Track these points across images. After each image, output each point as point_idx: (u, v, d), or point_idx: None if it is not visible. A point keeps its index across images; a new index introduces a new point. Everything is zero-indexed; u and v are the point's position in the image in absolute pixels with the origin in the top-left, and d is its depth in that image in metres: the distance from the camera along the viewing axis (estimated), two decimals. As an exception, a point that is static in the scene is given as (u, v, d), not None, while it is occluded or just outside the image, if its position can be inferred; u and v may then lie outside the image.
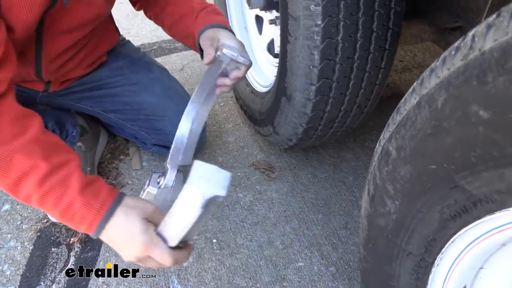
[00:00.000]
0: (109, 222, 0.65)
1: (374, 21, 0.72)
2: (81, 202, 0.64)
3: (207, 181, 0.59)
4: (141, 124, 1.11)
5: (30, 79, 0.95)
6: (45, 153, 0.65)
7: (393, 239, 0.53)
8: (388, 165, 0.50)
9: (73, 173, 0.65)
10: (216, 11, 0.97)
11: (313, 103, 0.81)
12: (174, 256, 0.64)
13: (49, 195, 0.64)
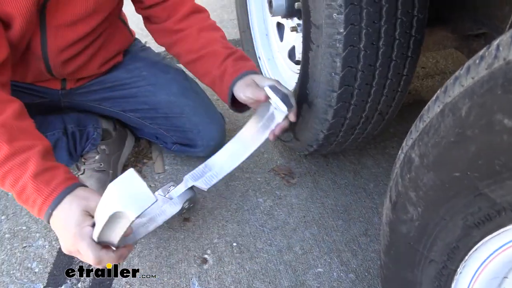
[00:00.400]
0: (55, 209, 0.69)
1: (396, 29, 0.73)
2: (33, 187, 0.69)
3: (125, 196, 0.62)
4: (159, 122, 1.14)
5: (45, 77, 1.00)
6: (11, 137, 0.70)
7: (415, 246, 0.53)
8: (410, 172, 0.50)
9: (32, 158, 0.70)
10: (244, 57, 0.99)
11: (335, 109, 0.82)
12: (98, 254, 0.67)
13: (7, 176, 0.70)
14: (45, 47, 0.92)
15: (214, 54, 0.96)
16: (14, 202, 1.13)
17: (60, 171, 0.73)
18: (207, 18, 1.05)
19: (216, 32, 1.01)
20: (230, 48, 0.97)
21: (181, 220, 1.07)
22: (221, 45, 0.97)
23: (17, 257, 0.99)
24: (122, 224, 0.65)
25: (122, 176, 0.63)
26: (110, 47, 1.06)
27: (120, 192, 0.62)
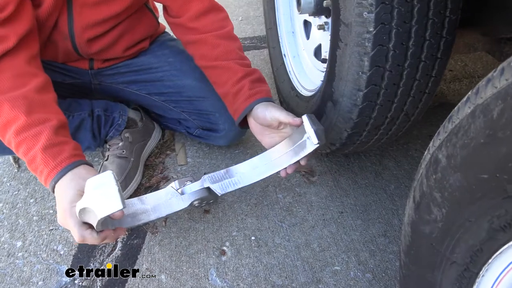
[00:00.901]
0: (58, 183, 0.75)
1: (427, 30, 0.72)
2: (41, 158, 0.75)
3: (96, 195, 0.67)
4: (183, 105, 1.17)
5: (73, 57, 1.05)
6: (30, 109, 0.77)
7: (437, 247, 0.53)
8: (436, 172, 0.50)
9: (45, 132, 0.76)
10: (261, 79, 0.99)
11: (360, 108, 0.82)
12: (82, 233, 0.72)
13: (21, 145, 0.76)
14: (71, 26, 0.97)
15: (229, 69, 0.97)
16: (43, 186, 1.17)
17: (69, 147, 0.79)
18: (224, 21, 1.04)
19: (233, 43, 1.01)
20: (246, 66, 0.98)
21: (202, 212, 1.09)
22: (237, 60, 0.98)
23: (44, 239, 1.03)
24: (93, 218, 0.69)
25: (100, 175, 0.68)
26: (135, 33, 1.10)
27: (93, 190, 0.67)
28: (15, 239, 1.04)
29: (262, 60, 1.75)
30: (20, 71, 0.80)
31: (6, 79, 0.78)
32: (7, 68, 0.79)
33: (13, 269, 0.97)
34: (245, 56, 1.02)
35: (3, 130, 0.77)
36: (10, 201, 1.13)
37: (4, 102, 0.76)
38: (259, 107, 0.92)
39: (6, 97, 0.76)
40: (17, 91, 0.78)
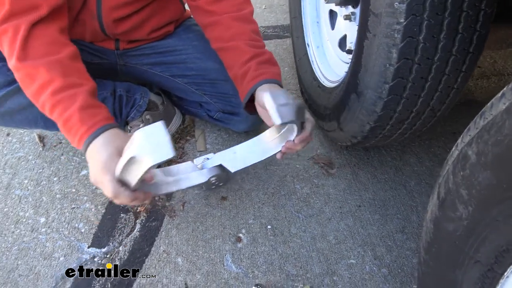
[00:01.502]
0: (93, 141, 0.76)
1: (460, 22, 0.70)
2: (78, 118, 0.77)
3: (147, 144, 0.66)
4: (205, 88, 1.18)
5: (100, 37, 1.07)
6: (65, 73, 0.79)
7: (461, 245, 0.52)
8: (465, 169, 0.49)
9: (81, 94, 0.79)
10: (270, 60, 0.95)
11: (385, 101, 0.81)
12: (116, 189, 0.73)
13: (57, 106, 0.78)
14: (99, 5, 0.99)
15: (238, 50, 0.95)
16: (66, 165, 1.20)
17: (104, 110, 0.82)
18: (242, 4, 1.01)
19: (248, 25, 0.99)
20: (256, 48, 0.95)
21: (219, 198, 1.10)
22: (248, 41, 0.95)
23: (66, 216, 1.06)
24: (139, 169, 0.69)
25: (151, 125, 0.68)
26: (161, 16, 1.10)
27: (144, 139, 0.67)
28: (39, 215, 1.07)
29: (285, 50, 1.73)
30: (53, 39, 0.82)
31: (41, 45, 0.80)
32: (41, 35, 0.81)
33: (37, 243, 1.00)
34: (259, 38, 0.99)
35: (38, 93, 0.79)
36: (35, 179, 1.17)
37: (40, 66, 0.78)
38: (261, 89, 0.89)
39: (41, 62, 0.78)
40: (52, 56, 0.80)
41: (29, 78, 0.79)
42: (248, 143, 0.95)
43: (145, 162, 0.67)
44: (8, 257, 0.97)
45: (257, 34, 1.00)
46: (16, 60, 0.79)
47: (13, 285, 0.91)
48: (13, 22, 0.79)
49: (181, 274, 0.93)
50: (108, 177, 0.73)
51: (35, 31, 0.80)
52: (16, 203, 1.10)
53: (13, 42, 0.79)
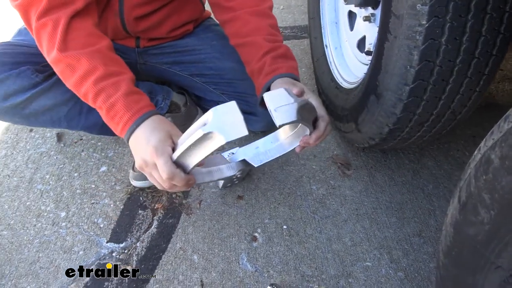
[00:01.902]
0: (139, 127, 0.76)
1: (484, 25, 0.69)
2: (123, 104, 0.77)
3: (222, 121, 0.67)
4: (223, 88, 1.19)
5: (121, 35, 1.08)
6: (106, 62, 0.80)
7: (482, 250, 0.52)
8: (487, 173, 0.48)
9: (123, 81, 0.79)
10: (285, 54, 0.94)
11: (405, 104, 0.80)
12: (173, 170, 0.72)
13: (100, 94, 0.78)
14: (122, 3, 1.01)
15: (255, 45, 0.94)
16: (86, 161, 1.23)
17: (146, 97, 0.82)
18: (260, 0, 1.00)
19: (266, 19, 0.98)
20: (273, 42, 0.94)
21: (235, 197, 1.10)
22: (265, 36, 0.94)
23: (86, 211, 1.09)
24: (209, 146, 0.69)
25: (225, 104, 0.69)
26: (181, 15, 1.12)
27: (219, 116, 0.68)
28: (60, 209, 1.09)
29: (302, 50, 1.73)
30: (90, 31, 0.84)
31: (80, 37, 0.81)
32: (79, 27, 0.82)
33: (57, 237, 1.02)
34: (276, 33, 0.98)
35: (80, 82, 0.80)
36: (56, 174, 1.20)
37: (81, 56, 0.79)
38: (276, 84, 0.87)
39: (82, 52, 0.79)
40: (92, 47, 0.81)
41: (70, 68, 0.80)
42: (268, 138, 0.95)
43: (219, 139, 0.67)
44: (30, 249, 1.00)
45: (275, 28, 0.99)
46: (57, 51, 0.79)
47: (34, 277, 0.94)
48: (52, 16, 0.80)
49: (197, 271, 0.94)
50: (163, 159, 0.72)
51: (73, 24, 0.81)
52: (38, 197, 1.13)
53: (53, 34, 0.80)
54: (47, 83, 0.98)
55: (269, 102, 0.74)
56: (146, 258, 0.97)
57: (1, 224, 1.06)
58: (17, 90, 0.96)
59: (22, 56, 0.99)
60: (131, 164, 1.22)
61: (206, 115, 0.69)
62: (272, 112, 0.73)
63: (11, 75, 0.95)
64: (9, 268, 0.96)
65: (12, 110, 0.98)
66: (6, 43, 1.03)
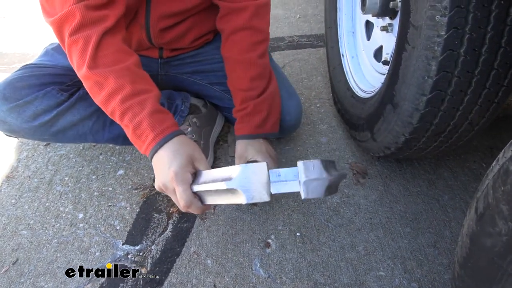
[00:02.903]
0: (162, 147, 0.79)
1: (504, 36, 0.69)
2: (148, 123, 0.80)
3: (249, 181, 0.66)
4: None
5: (145, 45, 1.11)
6: (133, 80, 0.83)
7: (499, 261, 0.51)
8: (506, 184, 0.48)
9: (149, 100, 0.82)
10: (252, 111, 1.03)
11: (421, 113, 0.80)
12: (190, 200, 0.75)
13: (127, 113, 0.81)
14: (148, 17, 1.04)
15: (235, 97, 1.07)
16: (104, 164, 1.26)
17: (170, 116, 0.85)
18: (253, 45, 1.04)
19: (249, 71, 1.03)
20: (245, 101, 1.04)
21: (249, 205, 1.11)
22: (243, 92, 1.04)
23: (103, 213, 1.11)
24: (230, 199, 0.69)
25: (256, 164, 0.67)
26: (203, 25, 1.15)
27: (247, 175, 0.66)
28: (78, 211, 1.12)
29: (318, 59, 1.74)
30: (120, 48, 0.86)
31: (110, 54, 0.84)
32: (109, 44, 0.85)
33: (75, 238, 1.05)
34: (253, 86, 1.04)
35: (108, 100, 0.83)
36: (75, 176, 1.23)
37: (109, 74, 0.82)
38: (239, 143, 1.04)
39: (110, 69, 0.82)
40: (120, 64, 0.84)
41: (98, 86, 0.83)
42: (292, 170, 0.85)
43: (240, 198, 0.67)
44: (48, 249, 1.02)
45: (255, 79, 1.04)
46: (87, 69, 0.82)
47: (52, 276, 0.96)
48: (83, 33, 0.82)
49: (210, 275, 0.95)
50: (182, 188, 0.75)
51: (103, 41, 0.84)
52: (57, 198, 1.16)
53: (83, 51, 0.83)
54: (71, 100, 1.04)
55: (301, 171, 0.70)
56: (160, 261, 0.98)
57: (21, 224, 1.09)
58: (45, 109, 1.02)
59: (48, 77, 1.05)
60: (147, 168, 1.24)
61: (234, 168, 0.68)
62: (301, 184, 0.69)
63: (38, 96, 1.01)
64: (28, 267, 0.99)
65: (41, 129, 1.04)
66: (33, 65, 1.09)
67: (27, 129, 1.03)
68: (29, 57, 1.98)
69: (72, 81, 1.08)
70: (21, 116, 1.01)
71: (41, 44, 2.03)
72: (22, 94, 1.00)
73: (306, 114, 1.42)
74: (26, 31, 2.23)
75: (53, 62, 1.10)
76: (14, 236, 1.06)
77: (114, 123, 1.11)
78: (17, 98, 1.00)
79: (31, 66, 1.09)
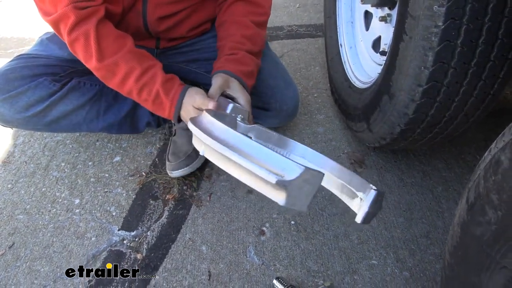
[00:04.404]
0: (182, 108, 0.96)
1: (500, 28, 0.69)
2: (163, 93, 0.94)
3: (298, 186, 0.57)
4: None
5: (142, 35, 1.12)
6: (139, 60, 0.93)
7: (488, 250, 0.52)
8: (496, 174, 0.49)
9: (158, 72, 0.94)
10: (241, 60, 1.02)
11: (417, 104, 0.81)
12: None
13: (144, 89, 0.94)
14: (145, 5, 1.04)
15: (222, 48, 1.06)
16: (101, 151, 1.26)
17: (176, 78, 0.98)
18: (249, 13, 1.07)
19: (241, 30, 1.05)
20: (234, 49, 1.03)
21: (245, 191, 1.12)
22: (233, 43, 1.04)
23: (99, 199, 1.11)
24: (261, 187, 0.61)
25: (316, 172, 0.59)
26: (200, 15, 1.14)
27: (302, 181, 0.58)
28: (74, 196, 1.12)
29: (317, 49, 1.74)
30: (116, 34, 0.94)
31: (112, 43, 0.92)
32: (107, 34, 0.92)
33: (71, 223, 1.05)
34: (245, 41, 1.04)
35: (123, 83, 0.94)
36: (71, 162, 1.23)
37: (118, 60, 0.91)
38: (215, 77, 1.00)
39: (118, 57, 0.91)
40: (124, 49, 0.92)
41: (111, 73, 0.93)
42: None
43: (278, 197, 0.58)
44: (45, 234, 1.03)
45: (247, 38, 1.05)
46: (96, 62, 0.91)
47: (48, 260, 0.97)
48: (81, 30, 0.89)
49: (205, 262, 0.96)
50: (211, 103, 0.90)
51: (100, 32, 0.90)
52: (53, 184, 1.16)
53: (87, 47, 0.90)
54: (63, 90, 1.06)
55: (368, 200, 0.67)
56: (156, 247, 0.99)
57: (18, 209, 1.10)
58: (37, 100, 1.04)
59: (41, 68, 1.06)
60: (143, 155, 1.24)
61: (287, 163, 0.58)
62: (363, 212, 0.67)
63: (30, 87, 1.03)
64: (24, 251, 0.99)
65: (34, 119, 1.06)
66: (27, 55, 1.10)
67: (20, 119, 1.05)
68: (26, 42, 1.96)
69: (65, 72, 1.08)
70: (14, 107, 1.03)
71: (38, 29, 2.01)
72: (15, 85, 1.02)
73: (304, 104, 1.42)
74: (23, 16, 2.21)
75: (46, 52, 1.11)
76: (11, 221, 1.07)
77: (108, 112, 1.12)
78: (10, 89, 1.02)
79: (24, 57, 1.09)
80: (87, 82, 1.09)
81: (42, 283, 0.92)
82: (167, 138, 1.29)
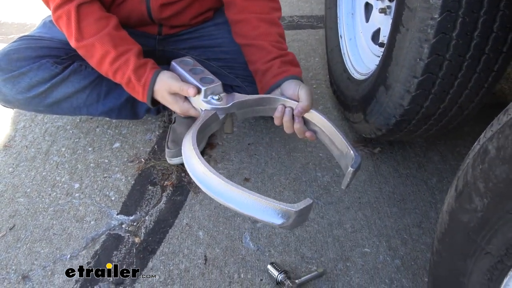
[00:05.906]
0: (154, 91, 0.96)
1: (496, 21, 0.70)
2: (134, 77, 0.95)
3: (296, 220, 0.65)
4: (237, 72, 1.22)
5: (145, 21, 1.12)
6: (115, 44, 0.95)
7: (474, 236, 0.54)
8: (484, 163, 0.51)
9: (131, 58, 0.95)
10: (293, 61, 0.99)
11: (412, 96, 0.82)
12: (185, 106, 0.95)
13: (117, 72, 0.96)
14: None
15: (263, 49, 1.00)
16: (101, 137, 1.27)
17: (150, 63, 0.98)
18: (274, 9, 1.07)
19: (275, 27, 1.04)
20: (281, 49, 1.00)
21: (242, 179, 1.14)
22: (273, 43, 1.00)
23: (98, 184, 1.13)
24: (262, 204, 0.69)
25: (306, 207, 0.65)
26: (203, 3, 1.15)
27: (303, 212, 0.65)
28: (74, 181, 1.14)
29: (317, 40, 1.74)
30: (99, 15, 0.96)
31: (92, 23, 0.94)
32: (88, 14, 0.94)
33: (70, 207, 1.07)
34: (283, 41, 1.03)
35: (100, 63, 0.97)
36: (71, 147, 1.24)
37: (95, 42, 0.94)
38: (289, 84, 0.91)
39: (95, 38, 0.94)
40: (102, 31, 0.94)
41: (89, 53, 0.96)
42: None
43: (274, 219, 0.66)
44: (45, 216, 1.05)
45: (283, 37, 1.05)
46: (75, 41, 0.95)
47: (48, 242, 0.99)
48: (64, 9, 0.93)
49: (201, 246, 0.98)
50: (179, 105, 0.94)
51: (82, 12, 0.93)
52: (54, 168, 1.18)
53: (68, 25, 0.94)
54: (64, 73, 1.07)
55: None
56: (153, 231, 1.02)
57: (18, 192, 1.12)
58: (39, 81, 1.05)
59: (44, 49, 1.08)
60: (142, 142, 1.26)
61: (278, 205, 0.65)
62: None
63: (33, 68, 1.04)
64: (25, 232, 1.01)
65: (35, 100, 1.07)
66: (30, 37, 1.11)
67: (22, 100, 1.06)
68: (27, 27, 1.97)
69: (67, 54, 1.09)
70: (15, 87, 1.04)
71: (39, 14, 2.01)
72: (18, 66, 1.03)
73: (302, 94, 1.43)
74: (24, 1, 2.21)
75: (50, 34, 1.12)
76: (11, 203, 1.09)
77: (108, 96, 1.13)
78: (12, 70, 1.03)
79: (28, 38, 1.10)
80: (88, 65, 1.10)
81: (42, 264, 0.95)
82: (166, 126, 1.30)
